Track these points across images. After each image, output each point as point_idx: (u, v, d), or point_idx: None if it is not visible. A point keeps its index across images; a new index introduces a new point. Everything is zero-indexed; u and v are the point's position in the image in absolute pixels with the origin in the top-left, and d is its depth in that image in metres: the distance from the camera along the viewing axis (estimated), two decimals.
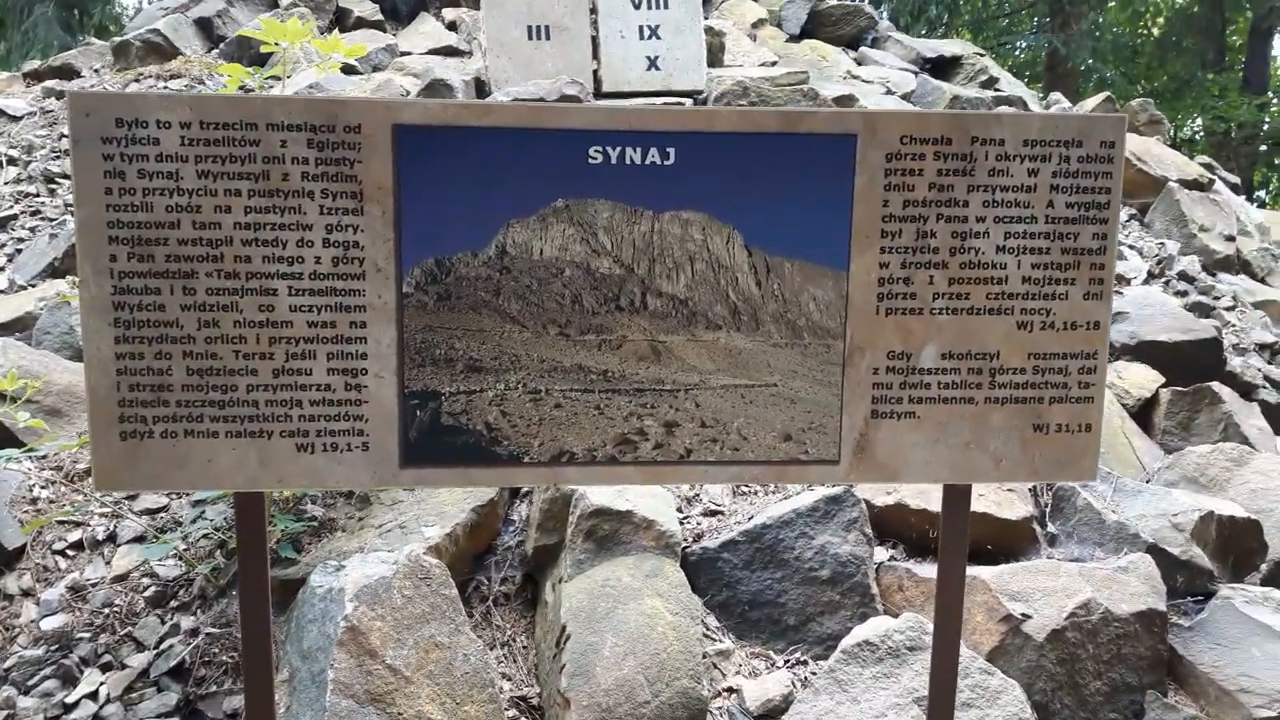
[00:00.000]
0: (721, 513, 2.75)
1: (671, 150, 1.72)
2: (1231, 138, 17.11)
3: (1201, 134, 19.15)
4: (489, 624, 2.60)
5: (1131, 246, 4.61)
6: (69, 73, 5.08)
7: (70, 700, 2.28)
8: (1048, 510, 2.91)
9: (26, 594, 2.53)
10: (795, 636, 2.50)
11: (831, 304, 1.77)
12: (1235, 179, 6.14)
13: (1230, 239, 4.98)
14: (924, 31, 12.70)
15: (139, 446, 1.68)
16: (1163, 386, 3.59)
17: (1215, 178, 5.46)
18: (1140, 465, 3.34)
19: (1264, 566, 2.88)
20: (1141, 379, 3.61)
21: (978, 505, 2.74)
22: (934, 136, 1.72)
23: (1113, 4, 16.80)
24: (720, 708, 2.29)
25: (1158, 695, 2.46)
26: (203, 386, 1.68)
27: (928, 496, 2.74)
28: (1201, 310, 4.37)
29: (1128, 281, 4.33)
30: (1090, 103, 6.24)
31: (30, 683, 2.31)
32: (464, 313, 1.72)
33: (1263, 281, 4.95)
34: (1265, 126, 17.73)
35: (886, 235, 1.74)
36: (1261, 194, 20.02)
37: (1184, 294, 4.46)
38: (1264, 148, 19.01)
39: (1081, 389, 1.81)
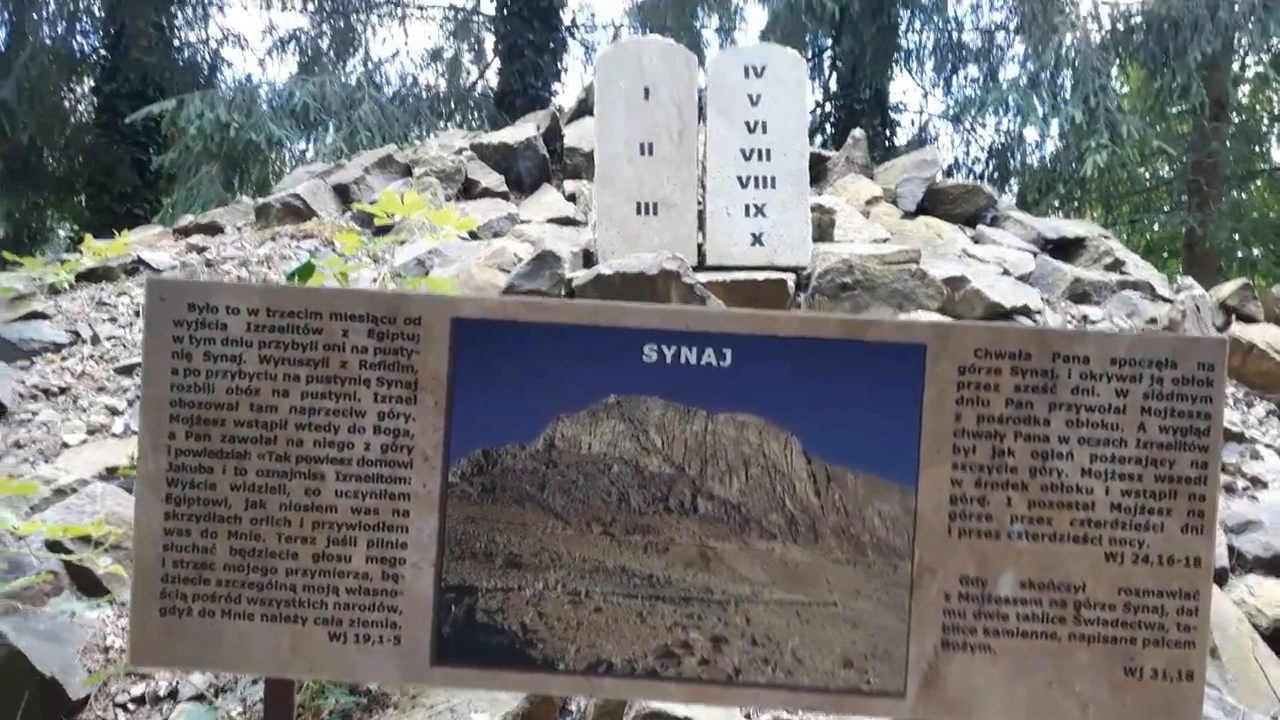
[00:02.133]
0: None
1: (729, 351, 1.67)
2: None
3: None
4: None
5: (1269, 445, 4.27)
6: (214, 229, 5.49)
7: None
8: None
9: None
10: None
11: (898, 521, 1.65)
12: None
13: None
14: (1056, 204, 12.58)
15: (177, 624, 1.67)
16: None
17: None
18: (1275, 696, 2.96)
19: None
20: (1277, 597, 3.25)
21: None
22: (1011, 351, 1.62)
23: (1258, 183, 16.31)
24: None
25: None
26: (243, 567, 1.66)
27: None
28: None
29: (1265, 485, 3.98)
30: (1227, 288, 5.94)
31: None
32: (507, 505, 1.67)
33: None
34: None
35: (959, 451, 1.63)
36: None
37: None
38: None
39: (1181, 631, 1.61)
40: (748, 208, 4.54)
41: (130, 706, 2.65)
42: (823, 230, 5.10)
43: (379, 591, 1.67)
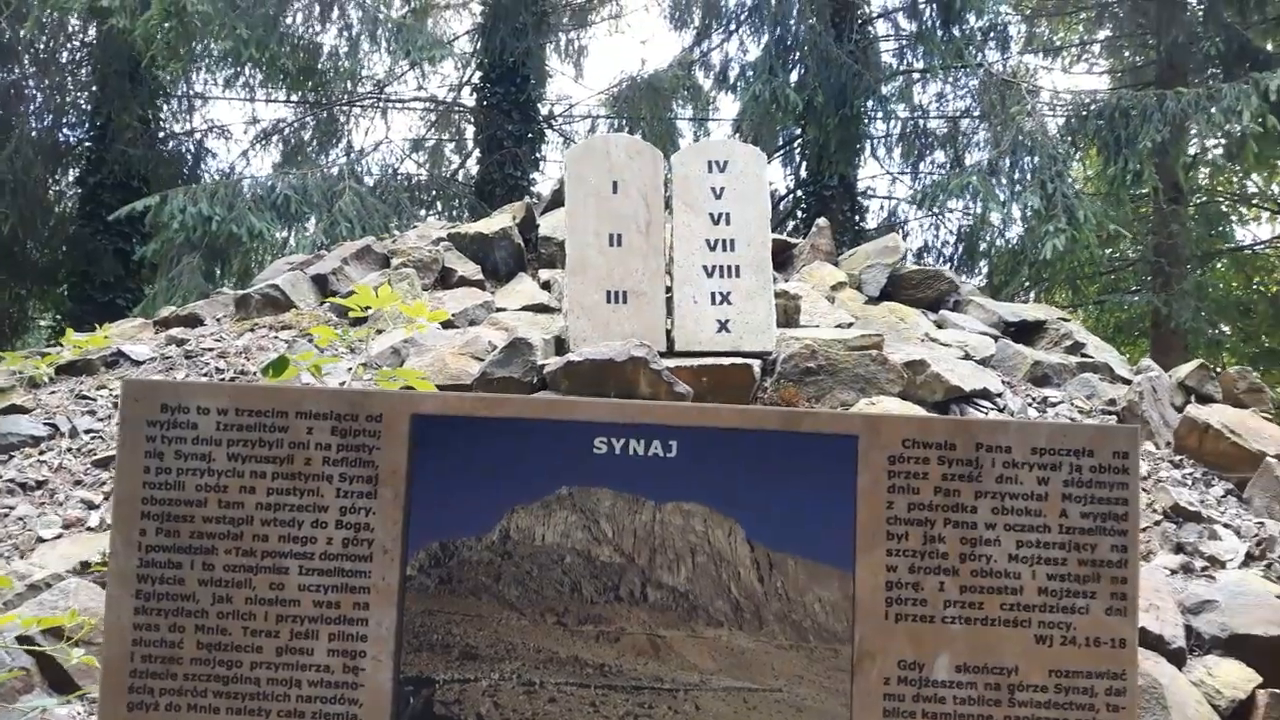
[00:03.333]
0: None
1: (674, 443, 1.77)
2: None
3: None
4: None
5: (1227, 525, 4.36)
6: (194, 321, 5.59)
7: None
8: None
9: None
10: None
11: (838, 605, 1.72)
12: None
13: None
14: (1026, 285, 12.85)
15: (144, 719, 1.71)
16: (1259, 687, 3.28)
17: None
18: None
19: None
20: (1234, 677, 3.30)
21: None
22: (938, 441, 1.72)
23: (1222, 263, 16.74)
24: None
25: None
26: (210, 661, 1.71)
27: None
28: None
29: (1222, 565, 4.06)
30: (1185, 369, 6.13)
31: None
32: (464, 597, 1.74)
33: None
34: None
35: (892, 537, 1.71)
36: None
37: None
38: None
39: (1110, 711, 1.68)
40: (713, 295, 4.68)
41: None
42: (788, 316, 5.24)
43: (340, 684, 1.72)
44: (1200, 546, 4.18)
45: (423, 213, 12.91)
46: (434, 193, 13.43)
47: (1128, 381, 5.57)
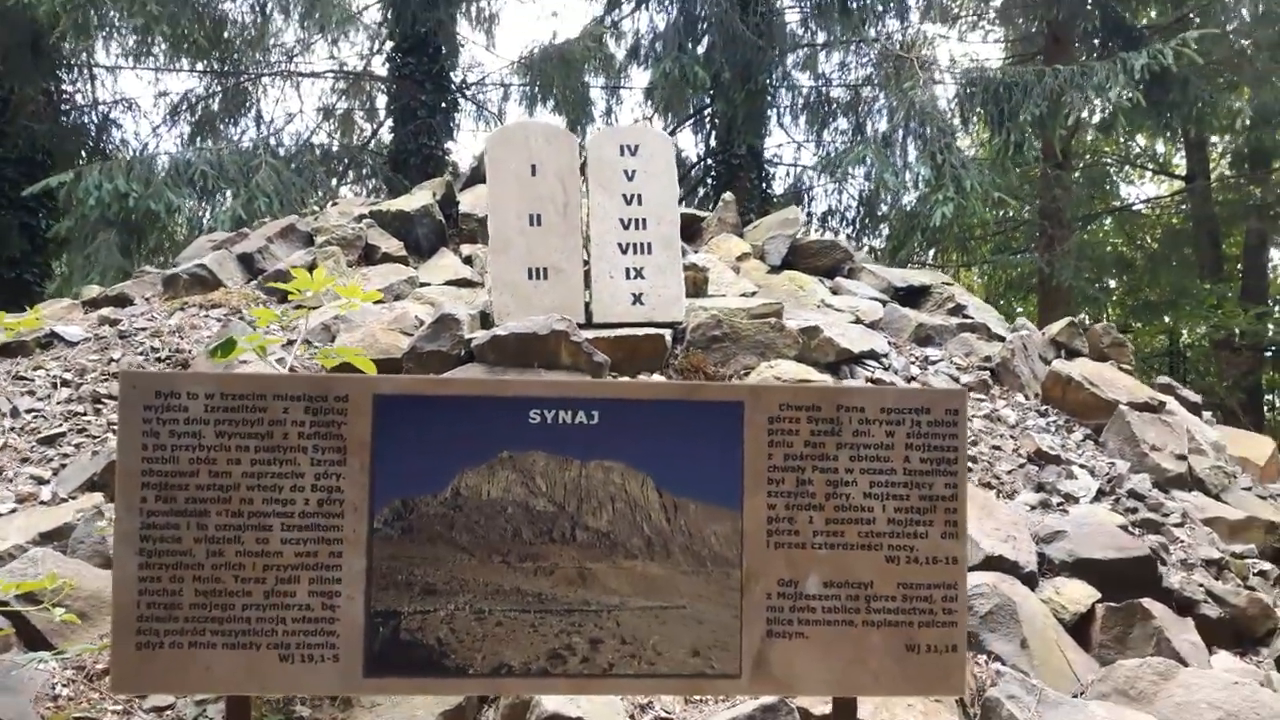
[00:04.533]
0: (671, 718, 3.00)
1: (595, 412, 2.14)
2: (1236, 347, 17.57)
3: (1204, 343, 19.64)
4: None
5: (1083, 466, 4.94)
6: (123, 301, 5.72)
7: None
8: (976, 719, 3.14)
9: None
10: None
11: (729, 538, 2.13)
12: (1196, 398, 6.49)
13: (1181, 458, 5.30)
14: (922, 247, 13.48)
15: (151, 655, 2.03)
16: (1099, 602, 3.84)
17: (1168, 399, 5.84)
18: (1075, 677, 3.54)
19: None
20: (1078, 595, 3.86)
21: (907, 715, 2.98)
22: (807, 405, 2.13)
23: (1108, 222, 17.74)
24: None
25: None
26: (206, 605, 2.04)
27: (859, 705, 2.98)
28: (1150, 527, 4.64)
29: (1076, 500, 4.64)
30: (1056, 326, 6.71)
31: None
32: (423, 544, 2.09)
33: (1216, 498, 5.21)
34: (1270, 333, 18.08)
35: (772, 482, 2.12)
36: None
37: (1134, 510, 4.75)
38: (1269, 353, 19.45)
39: (945, 615, 2.13)
40: (628, 271, 5.05)
41: None
42: (697, 287, 5.64)
43: (319, 619, 2.06)
44: (1059, 485, 4.74)
45: (334, 182, 12.91)
46: (347, 161, 13.41)
47: (1003, 339, 6.13)
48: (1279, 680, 3.88)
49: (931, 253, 16.17)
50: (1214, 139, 17.69)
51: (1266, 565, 4.68)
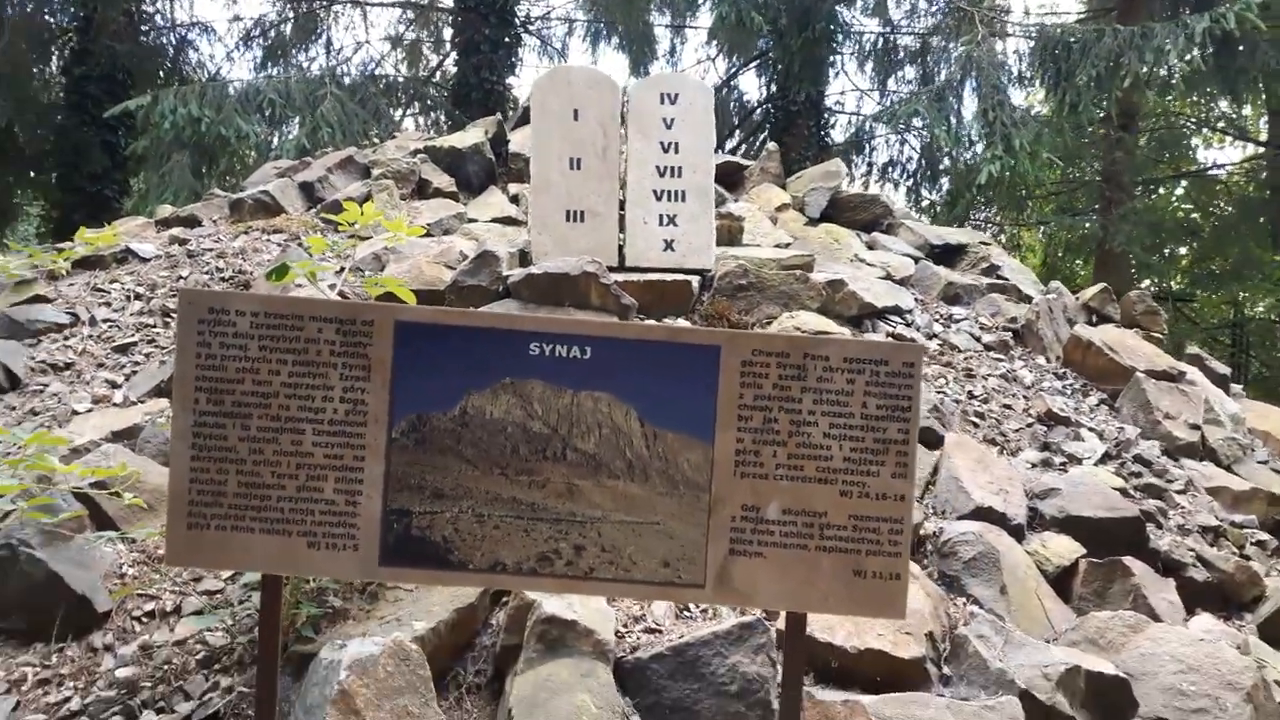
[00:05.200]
0: (661, 631, 3.31)
1: (589, 348, 2.41)
2: None
3: (1271, 316, 19.19)
4: (460, 707, 3.17)
5: (1092, 429, 5.09)
6: (193, 222, 6.11)
7: None
8: (945, 654, 3.40)
9: (108, 649, 3.21)
10: None
11: (701, 466, 2.40)
12: (1225, 370, 6.54)
13: (1195, 427, 5.41)
14: (979, 203, 13.37)
15: (199, 535, 2.37)
16: (1083, 557, 4.04)
17: (1190, 369, 5.92)
18: (1050, 625, 3.77)
19: None
20: (1063, 549, 4.06)
21: (875, 644, 3.25)
22: (777, 351, 2.38)
23: (1181, 186, 17.30)
24: None
25: None
26: (247, 495, 2.37)
27: (834, 632, 3.26)
28: (1152, 492, 4.80)
29: (1079, 461, 4.81)
30: (1089, 291, 6.80)
31: (102, 716, 2.97)
32: (434, 454, 2.40)
33: (1227, 469, 5.33)
34: None
35: (741, 419, 2.38)
36: None
37: (1138, 475, 4.90)
38: None
39: (891, 545, 2.38)
40: (661, 217, 5.27)
41: (144, 619, 3.35)
42: (732, 235, 5.84)
43: (342, 513, 2.38)
44: (1064, 446, 4.92)
45: (398, 113, 13.21)
46: (411, 93, 13.69)
47: (1030, 300, 6.24)
48: (1256, 643, 4.06)
49: (991, 209, 16.03)
50: None
51: (1265, 536, 4.82)
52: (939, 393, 4.86)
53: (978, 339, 5.63)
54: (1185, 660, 3.47)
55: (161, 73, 12.16)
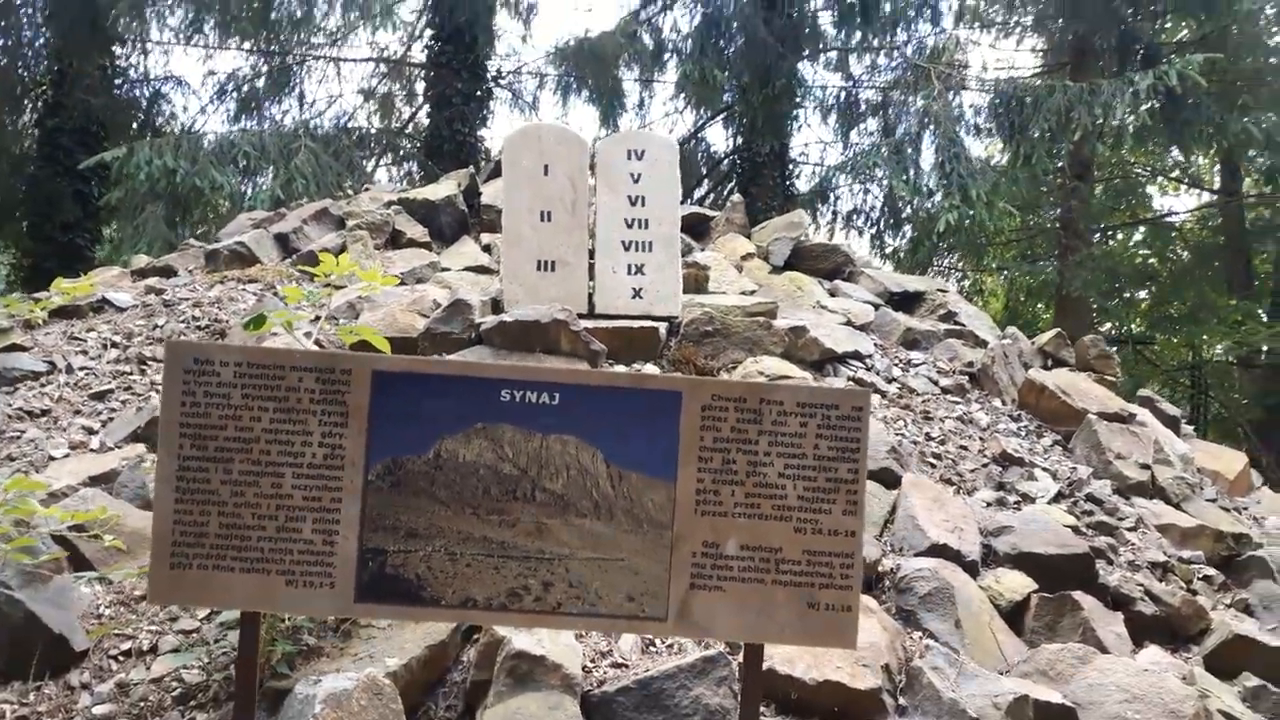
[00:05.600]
0: (626, 665, 3.42)
1: (557, 395, 2.55)
2: (1256, 364, 17.60)
3: (1229, 359, 19.60)
4: None
5: (1046, 469, 5.28)
6: (168, 272, 6.22)
7: None
8: (900, 685, 3.52)
9: (84, 687, 3.27)
10: None
11: (664, 505, 2.54)
12: (1175, 411, 6.79)
13: (1145, 467, 5.62)
14: (941, 251, 13.70)
15: (182, 575, 2.47)
16: (1035, 592, 4.20)
17: (1140, 411, 6.15)
18: (1003, 657, 3.91)
19: None
20: (1016, 584, 4.22)
21: (833, 675, 3.37)
22: (735, 397, 2.53)
23: (1120, 236, 17.81)
24: None
25: None
26: (228, 536, 2.48)
27: (793, 665, 3.38)
28: (1103, 529, 4.98)
29: (1033, 500, 4.98)
30: (1045, 336, 7.05)
31: None
32: (408, 496, 2.52)
33: (1176, 506, 5.53)
34: None
35: (702, 460, 2.52)
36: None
37: (1090, 513, 5.08)
38: None
39: (842, 579, 2.52)
40: (629, 267, 5.45)
41: (120, 658, 3.41)
42: (698, 284, 6.03)
43: (320, 553, 2.49)
44: (1018, 485, 5.10)
45: (371, 164, 13.40)
46: (384, 144, 13.90)
47: (986, 346, 6.46)
48: (1201, 674, 4.22)
49: (954, 256, 16.42)
50: (1252, 152, 17.72)
51: (1211, 571, 5.01)
52: (897, 434, 5.03)
53: (935, 383, 5.83)
54: (1130, 690, 3.62)
55: (135, 125, 12.30)
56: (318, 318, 5.07)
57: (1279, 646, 4.28)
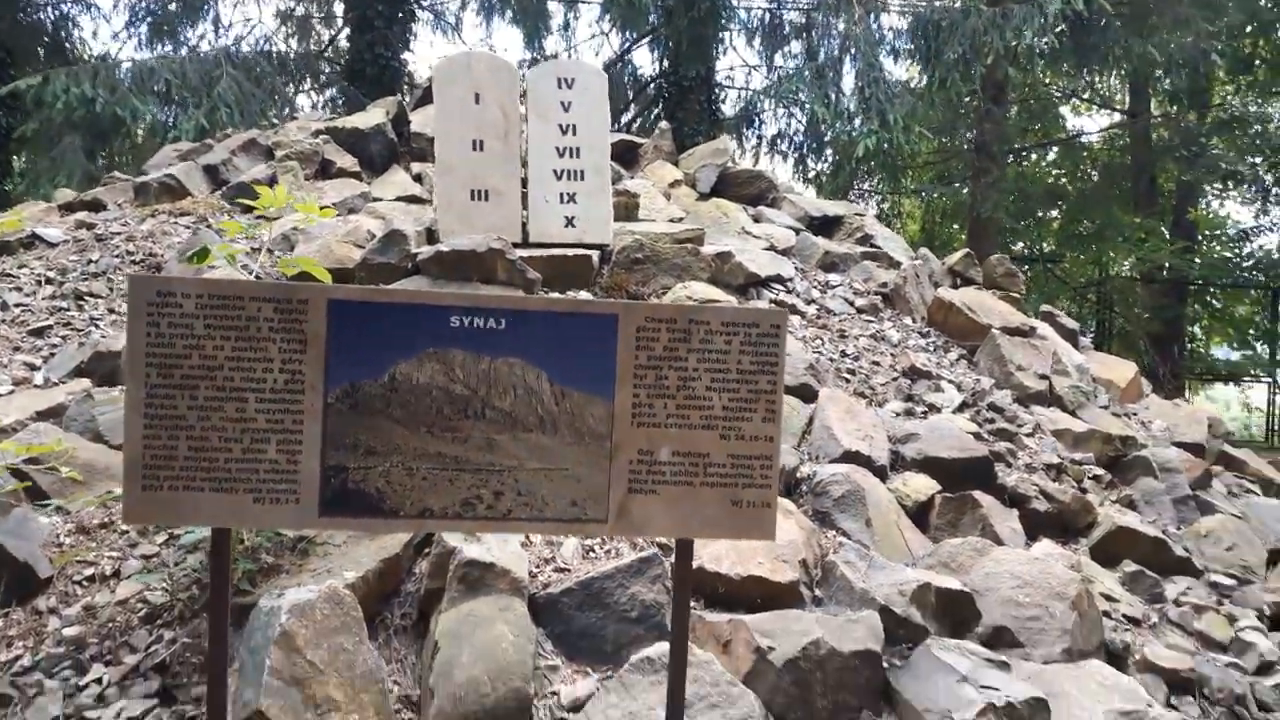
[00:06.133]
0: (569, 570, 3.71)
1: (503, 320, 2.77)
2: (1157, 280, 18.49)
3: (1133, 274, 20.51)
4: (389, 646, 3.52)
5: (950, 381, 5.68)
6: (97, 206, 6.18)
7: (81, 684, 3.19)
8: (816, 579, 3.89)
9: (52, 611, 3.45)
10: (612, 659, 3.43)
11: (603, 419, 2.79)
12: (1073, 325, 7.27)
13: (1044, 377, 6.07)
14: (861, 174, 14.02)
15: (154, 496, 2.65)
16: (939, 493, 4.60)
17: (1040, 325, 6.59)
18: (909, 552, 4.31)
19: (979, 629, 3.84)
20: (921, 486, 4.61)
21: (756, 571, 3.71)
22: (666, 318, 2.78)
23: (1034, 157, 18.39)
24: (542, 704, 3.22)
25: (871, 714, 3.39)
26: (196, 459, 2.66)
27: (720, 562, 3.71)
28: (1004, 435, 5.41)
29: (939, 410, 5.38)
30: (954, 257, 7.42)
31: (53, 670, 3.21)
32: (366, 417, 2.72)
33: (1072, 413, 6.00)
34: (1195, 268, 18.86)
35: (637, 377, 2.77)
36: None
37: (991, 421, 5.51)
38: (1193, 288, 20.41)
39: (762, 479, 2.82)
40: (561, 195, 5.62)
41: (84, 583, 3.58)
42: (629, 211, 6.22)
43: (284, 471, 2.69)
44: (925, 397, 5.48)
45: (292, 89, 13.13)
46: (304, 69, 13.60)
47: (899, 267, 6.81)
48: (1087, 563, 4.68)
49: (874, 180, 16.80)
50: (1159, 73, 18.32)
51: (1100, 471, 5.49)
52: (815, 352, 5.35)
53: (851, 303, 6.16)
54: (1021, 576, 4.04)
55: (41, 50, 11.82)
56: (255, 249, 5.16)
57: (1155, 535, 4.77)
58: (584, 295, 5.35)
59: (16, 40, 11.04)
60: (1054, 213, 20.04)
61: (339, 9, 13.80)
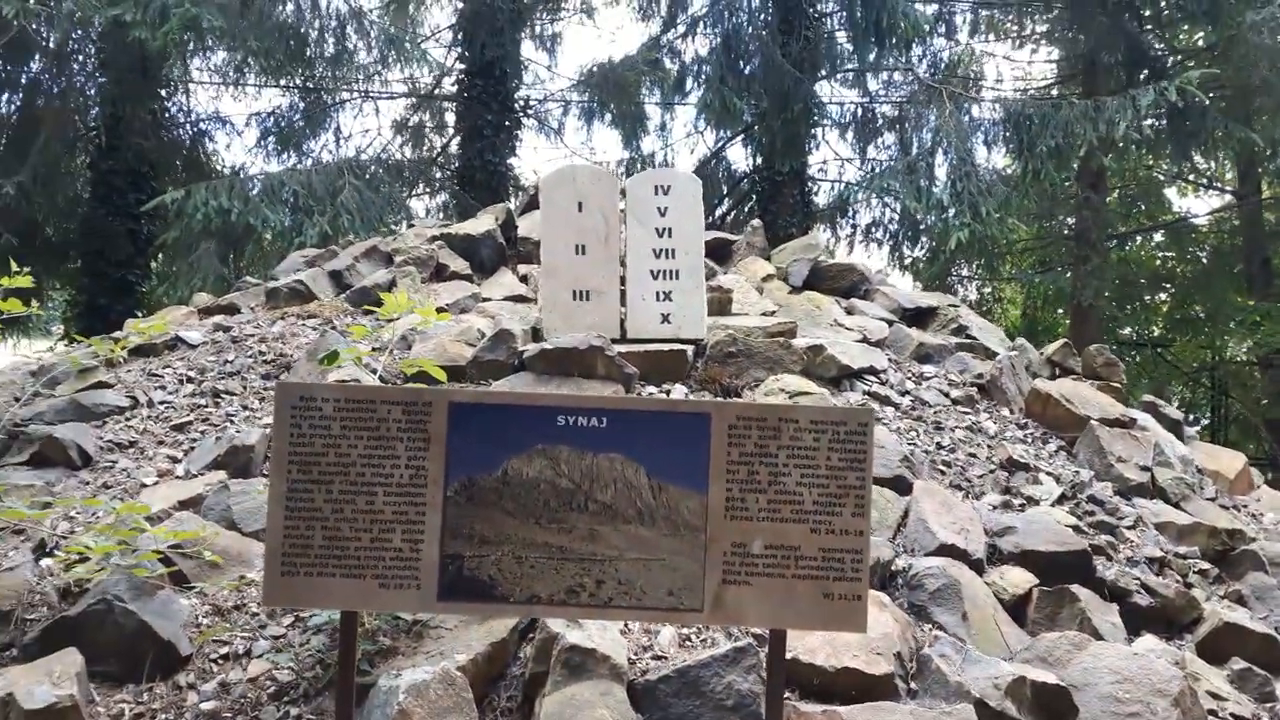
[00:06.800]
0: (666, 657, 3.85)
1: (605, 419, 3.00)
2: (1276, 364, 17.76)
3: (1250, 358, 19.72)
4: None
5: (1049, 473, 5.66)
6: (232, 309, 6.74)
7: None
8: (911, 672, 3.93)
9: (191, 687, 3.74)
10: None
11: (698, 512, 2.97)
12: (1178, 415, 7.14)
13: (1145, 469, 5.98)
14: (956, 263, 14.03)
15: (291, 581, 2.93)
16: (1036, 587, 4.58)
17: (1141, 415, 6.51)
18: (1006, 646, 4.30)
19: None
20: (1018, 579, 4.60)
21: (850, 663, 3.78)
22: (756, 417, 2.97)
23: (1139, 239, 18.07)
24: None
25: None
26: (329, 547, 2.93)
27: (815, 654, 3.79)
28: (1104, 528, 5.35)
29: (1037, 502, 5.37)
30: (1052, 347, 7.42)
31: None
32: (481, 509, 2.97)
33: (1176, 506, 5.88)
34: None
35: (730, 473, 2.95)
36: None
37: (1091, 513, 5.46)
38: None
39: (853, 572, 2.94)
40: (658, 294, 5.90)
41: (220, 661, 3.88)
42: (721, 306, 6.47)
43: (407, 559, 2.94)
44: (1023, 489, 5.48)
45: (406, 193, 13.96)
46: (417, 174, 14.47)
47: (994, 358, 6.85)
48: (1192, 659, 4.58)
49: (972, 266, 16.75)
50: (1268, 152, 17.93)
51: (1206, 565, 5.36)
52: (910, 444, 5.43)
53: (946, 394, 6.22)
54: (1121, 672, 4.00)
55: (180, 164, 12.93)
56: (376, 349, 5.56)
57: (1265, 633, 4.64)
58: (679, 388, 5.57)
59: (160, 155, 12.13)
60: (1162, 295, 19.57)
61: (450, 119, 14.69)
